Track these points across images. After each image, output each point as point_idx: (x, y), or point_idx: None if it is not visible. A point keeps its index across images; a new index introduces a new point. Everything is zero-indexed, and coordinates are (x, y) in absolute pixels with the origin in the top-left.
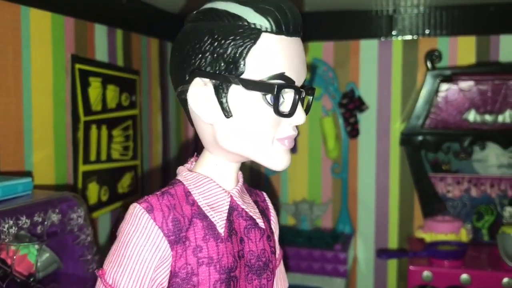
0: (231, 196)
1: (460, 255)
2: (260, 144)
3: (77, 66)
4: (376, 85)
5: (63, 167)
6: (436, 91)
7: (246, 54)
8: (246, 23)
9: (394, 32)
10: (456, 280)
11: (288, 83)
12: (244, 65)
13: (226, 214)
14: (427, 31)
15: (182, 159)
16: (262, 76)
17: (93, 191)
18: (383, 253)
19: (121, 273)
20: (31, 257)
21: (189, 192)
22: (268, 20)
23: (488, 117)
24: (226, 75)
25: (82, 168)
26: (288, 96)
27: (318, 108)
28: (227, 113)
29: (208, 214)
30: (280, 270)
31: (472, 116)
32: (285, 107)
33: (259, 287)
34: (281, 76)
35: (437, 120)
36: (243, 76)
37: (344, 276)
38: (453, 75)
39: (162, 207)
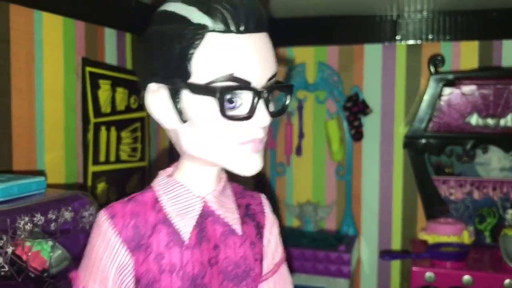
0: (204, 202)
1: (462, 256)
2: (221, 148)
3: (88, 69)
4: (380, 88)
5: (73, 167)
6: (439, 95)
7: (191, 56)
8: (190, 24)
9: (398, 37)
10: (458, 281)
11: (241, 84)
12: (190, 68)
13: (195, 221)
14: (430, 36)
15: None
16: (210, 78)
17: (102, 191)
18: (386, 254)
19: (89, 277)
20: (44, 254)
21: (157, 199)
22: (213, 19)
23: (490, 121)
24: (174, 79)
25: (92, 168)
26: (246, 98)
27: (323, 111)
28: (182, 118)
29: (172, 222)
30: (280, 275)
31: (474, 119)
32: (243, 109)
33: None
34: (230, 77)
35: (440, 124)
36: (190, 80)
37: (348, 277)
38: (455, 80)
39: (124, 214)
